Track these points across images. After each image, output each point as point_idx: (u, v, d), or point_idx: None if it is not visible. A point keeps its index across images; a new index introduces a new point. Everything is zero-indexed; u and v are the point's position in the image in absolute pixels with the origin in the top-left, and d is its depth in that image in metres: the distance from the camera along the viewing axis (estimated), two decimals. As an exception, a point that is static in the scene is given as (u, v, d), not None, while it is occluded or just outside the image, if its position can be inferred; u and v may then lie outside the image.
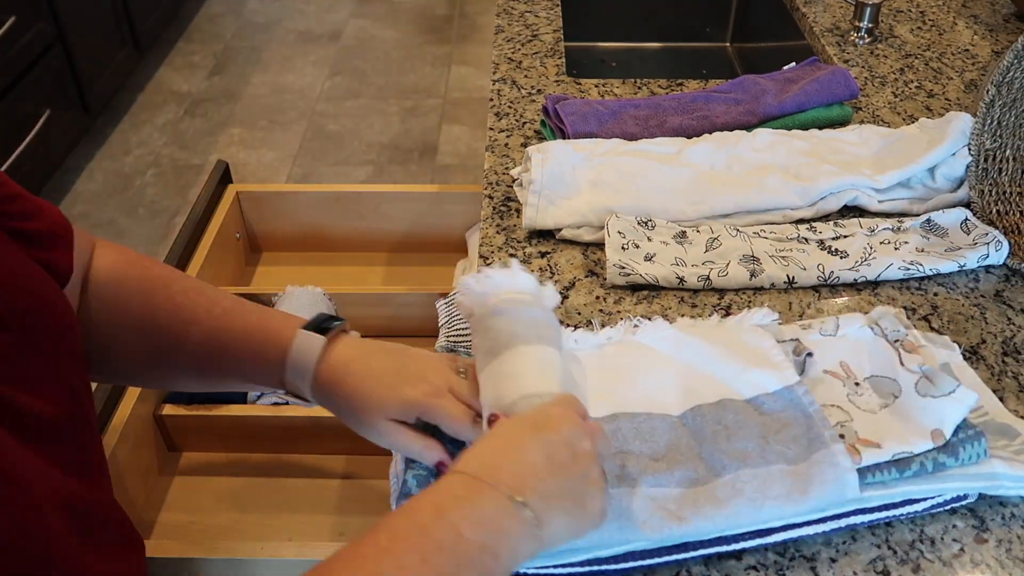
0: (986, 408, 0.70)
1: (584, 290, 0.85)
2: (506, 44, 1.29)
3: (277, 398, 1.18)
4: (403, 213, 1.49)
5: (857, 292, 0.85)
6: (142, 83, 2.97)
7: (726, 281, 0.84)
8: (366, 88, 2.95)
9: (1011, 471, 0.64)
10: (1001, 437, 0.67)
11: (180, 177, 2.54)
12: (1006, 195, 0.93)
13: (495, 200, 0.97)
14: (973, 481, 0.64)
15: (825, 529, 0.62)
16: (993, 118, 0.92)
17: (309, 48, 3.19)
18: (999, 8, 1.38)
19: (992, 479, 0.64)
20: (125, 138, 2.71)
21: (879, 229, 0.90)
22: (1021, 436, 0.67)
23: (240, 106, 2.87)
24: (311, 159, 2.62)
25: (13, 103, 2.15)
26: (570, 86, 1.18)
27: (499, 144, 1.06)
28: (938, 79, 1.19)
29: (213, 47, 3.19)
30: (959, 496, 0.64)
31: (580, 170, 0.94)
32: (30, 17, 2.22)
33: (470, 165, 2.57)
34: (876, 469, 0.63)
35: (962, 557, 0.62)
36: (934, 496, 0.64)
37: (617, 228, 0.87)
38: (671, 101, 1.06)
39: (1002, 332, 0.81)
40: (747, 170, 0.96)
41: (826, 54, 1.27)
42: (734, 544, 0.61)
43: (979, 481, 0.64)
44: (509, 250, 0.90)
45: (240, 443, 1.18)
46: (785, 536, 0.62)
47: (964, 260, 0.85)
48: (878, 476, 0.63)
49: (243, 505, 1.13)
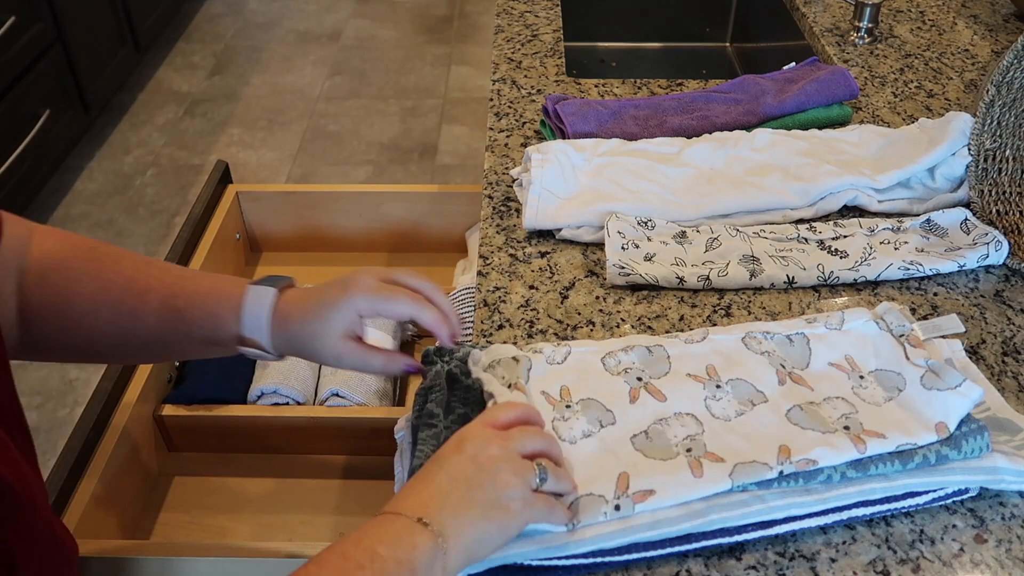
0: (988, 403, 0.71)
1: (584, 290, 0.85)
2: (506, 44, 1.29)
3: (277, 398, 1.18)
4: (403, 213, 1.49)
5: (857, 292, 0.85)
6: (142, 83, 2.97)
7: (726, 281, 0.84)
8: (366, 88, 2.95)
9: (1012, 465, 0.64)
10: (1002, 432, 0.68)
11: (180, 177, 2.54)
12: (1006, 195, 0.93)
13: (495, 200, 0.97)
14: (974, 475, 0.64)
15: (827, 522, 0.63)
16: (993, 118, 0.92)
17: (309, 48, 3.19)
18: (999, 8, 1.38)
19: (993, 473, 0.64)
20: (125, 138, 2.71)
21: (879, 229, 0.90)
22: (1023, 432, 0.68)
23: (240, 106, 2.87)
24: (311, 159, 2.62)
25: (13, 103, 2.15)
26: (570, 86, 1.18)
27: (499, 144, 1.06)
28: (938, 79, 1.19)
29: (213, 47, 3.19)
30: (960, 490, 0.65)
31: (580, 170, 0.94)
32: (30, 17, 2.22)
33: (470, 165, 2.57)
34: (879, 461, 0.63)
35: (962, 557, 0.62)
36: (936, 489, 0.64)
37: (617, 228, 0.87)
38: (671, 101, 1.06)
39: (1002, 332, 0.81)
40: (747, 170, 0.96)
41: (826, 54, 1.27)
42: (736, 536, 0.61)
43: (980, 475, 0.64)
44: (509, 250, 0.90)
45: (240, 443, 1.18)
46: (787, 528, 0.62)
47: (964, 260, 0.85)
48: (881, 468, 0.63)
49: (243, 505, 1.13)
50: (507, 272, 0.87)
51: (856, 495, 0.62)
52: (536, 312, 0.83)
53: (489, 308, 0.83)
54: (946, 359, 0.71)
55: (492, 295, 0.85)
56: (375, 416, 1.14)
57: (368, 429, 1.13)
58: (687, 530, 0.61)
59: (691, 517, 0.61)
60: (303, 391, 1.19)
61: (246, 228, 1.51)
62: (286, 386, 1.17)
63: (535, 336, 0.80)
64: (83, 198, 2.46)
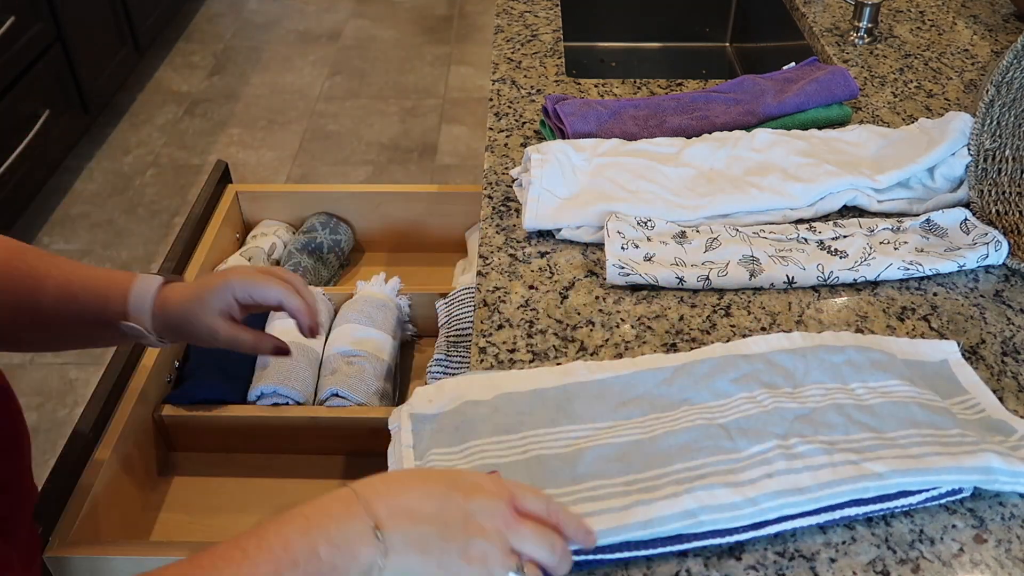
0: (983, 405, 0.71)
1: (584, 290, 0.85)
2: (506, 44, 1.29)
3: (277, 398, 1.18)
4: (403, 213, 1.49)
5: (857, 292, 0.85)
6: (142, 83, 2.97)
7: (726, 281, 0.84)
8: (366, 88, 2.96)
9: (1006, 466, 0.64)
10: (997, 433, 0.68)
11: (180, 177, 2.54)
12: (1006, 195, 0.93)
13: (495, 200, 0.97)
14: (968, 475, 0.64)
15: (820, 521, 0.63)
16: (993, 118, 0.92)
17: (309, 48, 3.19)
18: (999, 8, 1.38)
19: (987, 472, 0.64)
20: (125, 138, 2.71)
21: (878, 229, 0.90)
22: (1017, 432, 0.68)
23: (240, 106, 2.87)
24: (311, 159, 2.62)
25: (12, 103, 2.15)
26: (570, 86, 1.18)
27: (499, 144, 1.06)
28: (938, 79, 1.19)
29: (213, 47, 3.19)
30: (954, 490, 0.65)
31: (580, 170, 0.94)
32: (30, 17, 2.22)
33: (470, 165, 2.57)
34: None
35: (962, 557, 0.62)
36: (929, 488, 0.64)
37: (616, 228, 0.87)
38: (671, 101, 1.06)
39: (1002, 332, 0.81)
40: (747, 170, 0.96)
41: (825, 54, 1.27)
42: (731, 536, 0.61)
43: (974, 475, 0.64)
44: (509, 250, 0.90)
45: (240, 443, 1.18)
46: (780, 528, 0.62)
47: (964, 260, 0.85)
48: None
49: (243, 505, 1.13)
50: (507, 272, 0.87)
51: (849, 493, 0.62)
52: (536, 312, 0.83)
53: (489, 308, 0.83)
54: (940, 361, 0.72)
55: (492, 295, 0.85)
56: (375, 416, 1.14)
57: (368, 429, 1.13)
58: (679, 530, 0.61)
59: (682, 517, 0.61)
60: (303, 391, 1.19)
61: (246, 228, 1.51)
62: (286, 386, 1.17)
63: (535, 336, 0.80)
64: (83, 198, 2.46)
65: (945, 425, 0.67)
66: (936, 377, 0.73)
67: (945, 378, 0.74)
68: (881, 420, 0.68)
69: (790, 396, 0.70)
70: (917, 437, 0.66)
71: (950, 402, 0.71)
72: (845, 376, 0.72)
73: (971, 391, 0.72)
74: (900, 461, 0.64)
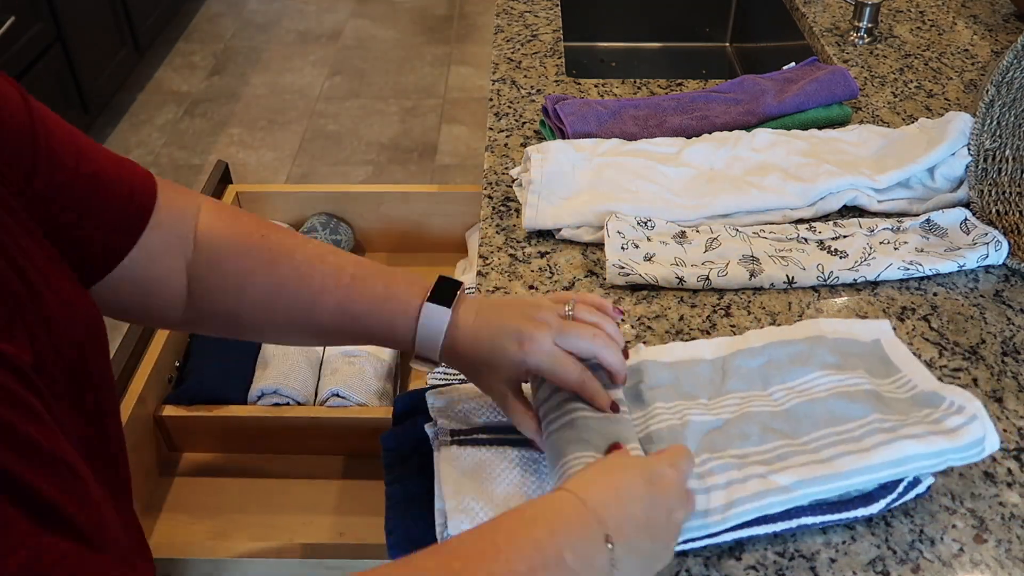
0: (915, 381, 0.69)
1: (584, 290, 0.85)
2: (506, 44, 1.29)
3: (278, 398, 1.18)
4: (403, 213, 1.49)
5: (857, 292, 0.85)
6: (142, 83, 2.97)
7: (726, 281, 0.84)
8: (366, 88, 2.96)
9: (924, 448, 0.62)
10: (926, 407, 0.66)
11: (180, 177, 2.54)
12: (1006, 195, 0.93)
13: (495, 200, 0.97)
14: (878, 471, 0.62)
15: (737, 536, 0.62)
16: (993, 118, 0.92)
17: (309, 48, 3.19)
18: (999, 8, 1.38)
19: (903, 464, 0.62)
20: (124, 138, 2.71)
21: (878, 229, 0.90)
22: (945, 401, 0.65)
23: (240, 106, 2.87)
24: (311, 159, 2.62)
25: (13, 103, 2.15)
26: (570, 86, 1.18)
27: (499, 144, 1.06)
28: (938, 79, 1.19)
29: (213, 47, 3.19)
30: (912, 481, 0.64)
31: (580, 170, 0.94)
32: (30, 17, 2.22)
33: (470, 165, 2.57)
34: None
35: (962, 557, 0.62)
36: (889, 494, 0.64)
37: (616, 228, 0.87)
38: (671, 101, 1.06)
39: (1002, 332, 0.81)
40: (747, 170, 0.96)
41: (825, 54, 1.27)
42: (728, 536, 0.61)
43: (885, 470, 0.62)
44: (509, 250, 0.90)
45: (240, 443, 1.18)
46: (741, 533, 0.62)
47: (964, 260, 0.85)
48: None
49: (243, 505, 1.13)
50: (507, 272, 0.88)
51: (754, 512, 0.61)
52: (536, 312, 0.83)
53: (489, 308, 0.83)
54: (873, 340, 0.73)
55: (492, 295, 0.85)
56: (375, 416, 1.14)
57: (368, 429, 1.13)
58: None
59: None
60: (303, 391, 1.19)
61: (246, 228, 1.51)
62: (286, 386, 1.17)
63: (535, 336, 0.80)
64: (83, 198, 2.46)
65: (863, 414, 0.65)
66: (871, 357, 0.72)
67: (879, 358, 0.72)
68: (796, 423, 0.66)
69: (705, 408, 0.69)
70: (832, 437, 0.64)
71: (883, 382, 0.70)
72: (764, 379, 0.71)
73: (903, 368, 0.71)
74: (808, 469, 0.62)
